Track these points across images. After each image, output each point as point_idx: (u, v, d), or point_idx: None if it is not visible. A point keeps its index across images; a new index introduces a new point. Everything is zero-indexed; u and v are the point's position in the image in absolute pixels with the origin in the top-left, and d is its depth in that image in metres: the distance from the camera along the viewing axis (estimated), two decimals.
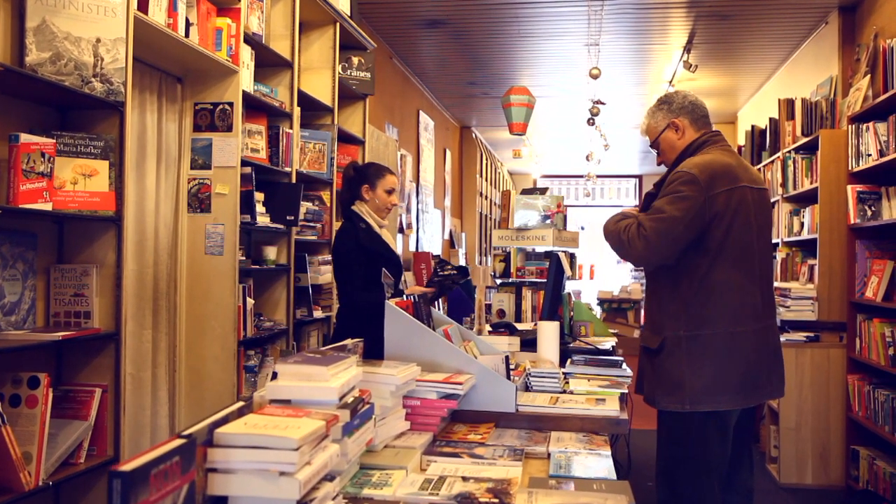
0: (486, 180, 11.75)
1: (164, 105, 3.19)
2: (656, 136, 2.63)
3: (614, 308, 11.50)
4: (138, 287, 3.07)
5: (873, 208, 4.31)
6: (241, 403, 1.45)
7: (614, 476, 1.79)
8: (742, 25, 6.11)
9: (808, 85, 6.13)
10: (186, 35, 2.93)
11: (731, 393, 2.41)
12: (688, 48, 6.48)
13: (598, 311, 11.14)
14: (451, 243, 9.76)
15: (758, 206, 2.50)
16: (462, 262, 10.18)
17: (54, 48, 2.26)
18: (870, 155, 4.24)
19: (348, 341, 2.15)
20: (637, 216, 2.51)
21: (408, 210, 7.28)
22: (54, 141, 2.22)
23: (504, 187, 13.26)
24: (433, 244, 8.58)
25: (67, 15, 2.29)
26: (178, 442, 1.15)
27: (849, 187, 4.45)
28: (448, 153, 9.69)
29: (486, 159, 11.77)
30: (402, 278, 5.69)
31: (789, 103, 5.57)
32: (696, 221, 2.38)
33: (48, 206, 2.18)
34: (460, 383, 2.08)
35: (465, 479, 1.69)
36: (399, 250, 6.92)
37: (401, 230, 6.93)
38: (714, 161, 2.45)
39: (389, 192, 3.38)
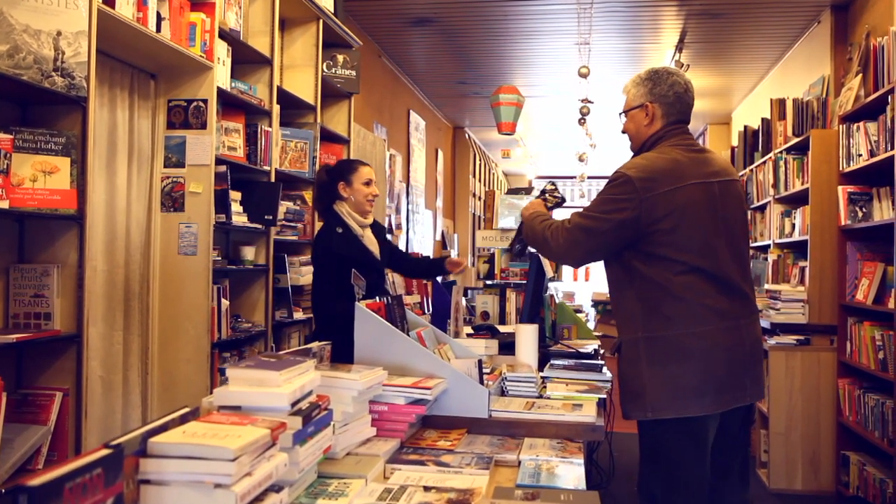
0: (480, 181, 11.68)
1: (137, 102, 3.12)
2: (627, 109, 2.50)
3: (608, 310, 11.45)
4: (109, 288, 3.00)
5: (864, 209, 4.24)
6: (184, 410, 1.38)
7: (584, 486, 1.72)
8: (733, 24, 6.05)
9: (801, 85, 6.08)
10: (158, 30, 2.86)
11: (698, 397, 2.23)
12: (679, 47, 6.42)
13: (592, 312, 11.09)
14: (442, 244, 9.69)
15: (719, 200, 2.32)
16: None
17: (12, 41, 2.18)
18: (860, 155, 4.17)
19: (314, 344, 2.09)
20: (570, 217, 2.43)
21: (397, 210, 7.21)
22: (11, 136, 2.15)
23: (499, 188, 13.20)
24: (424, 245, 8.51)
25: (26, 7, 2.21)
26: (102, 452, 1.08)
27: (840, 188, 4.39)
28: (440, 153, 9.63)
29: (480, 160, 11.71)
30: (390, 279, 5.62)
31: (781, 103, 5.51)
32: (626, 227, 2.26)
33: (5, 204, 2.11)
34: (429, 388, 2.01)
35: (426, 488, 1.62)
36: None
37: (390, 231, 6.86)
38: (657, 162, 2.32)
39: (367, 183, 3.24)
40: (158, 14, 2.86)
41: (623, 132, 2.56)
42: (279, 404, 1.45)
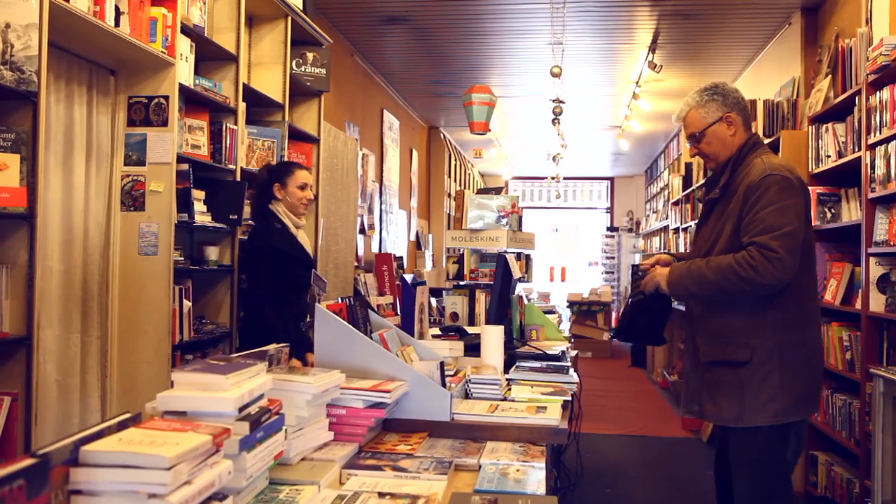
0: (456, 181, 11.65)
1: (95, 98, 3.05)
2: (704, 128, 2.49)
3: (584, 310, 11.47)
4: (66, 289, 2.92)
5: (833, 210, 4.26)
6: (124, 416, 1.33)
7: (544, 490, 1.69)
8: (706, 25, 6.07)
9: (773, 86, 6.10)
10: (116, 24, 2.79)
11: (815, 398, 2.40)
12: (652, 48, 6.43)
13: (566, 313, 11.09)
14: (417, 245, 9.65)
15: None
16: (429, 265, 10.07)
17: None
18: (829, 156, 4.18)
19: (271, 347, 2.03)
20: (758, 241, 2.29)
21: (370, 211, 7.15)
22: None
23: (475, 188, 13.17)
24: (398, 245, 8.46)
25: None
26: (26, 462, 1.03)
27: (809, 189, 4.39)
28: (415, 153, 9.58)
29: (455, 160, 11.68)
30: (362, 280, 5.55)
31: (752, 104, 5.52)
32: (805, 225, 2.33)
33: None
34: (388, 391, 1.97)
35: (381, 495, 1.58)
36: (361, 251, 6.81)
37: (362, 231, 6.81)
38: (787, 163, 2.42)
39: (302, 187, 3.29)
40: (117, 8, 2.79)
41: (696, 154, 2.59)
42: (225, 409, 1.40)
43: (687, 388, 2.61)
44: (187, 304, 3.27)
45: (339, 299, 2.42)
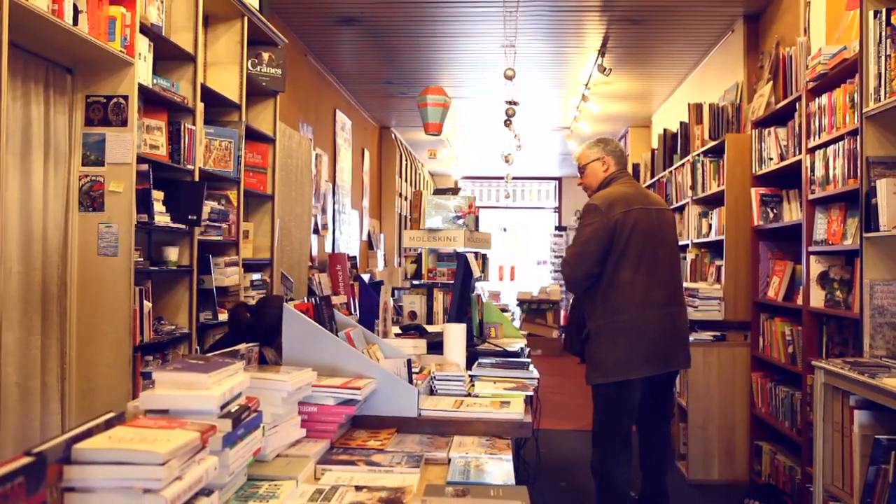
0: (406, 181, 11.69)
1: (53, 97, 3.01)
2: (587, 162, 3.40)
3: (533, 309, 11.62)
4: (25, 290, 2.88)
5: (775, 211, 4.43)
6: (109, 415, 1.35)
7: (513, 481, 1.76)
8: (653, 31, 6.24)
9: (717, 90, 6.31)
10: (75, 23, 2.76)
11: (639, 364, 3.08)
12: (602, 52, 6.58)
13: (517, 311, 11.23)
14: (369, 244, 9.66)
15: (656, 222, 3.20)
16: (381, 264, 10.09)
17: None
18: (771, 159, 4.36)
19: (241, 346, 2.06)
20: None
21: (323, 211, 7.15)
22: None
23: (425, 188, 13.22)
24: (350, 245, 8.46)
25: None
26: (24, 460, 1.05)
27: (753, 190, 4.57)
28: (366, 153, 9.59)
29: (406, 160, 11.72)
30: (317, 280, 5.55)
31: (698, 108, 5.71)
32: (604, 238, 3.09)
33: None
34: (358, 388, 2.02)
35: (358, 488, 1.62)
36: (315, 251, 6.81)
37: (316, 231, 6.80)
38: (613, 192, 3.22)
39: None
40: (75, 6, 2.76)
41: (580, 184, 3.46)
42: (208, 407, 1.43)
43: None
44: (147, 304, 3.25)
45: (306, 299, 2.45)
